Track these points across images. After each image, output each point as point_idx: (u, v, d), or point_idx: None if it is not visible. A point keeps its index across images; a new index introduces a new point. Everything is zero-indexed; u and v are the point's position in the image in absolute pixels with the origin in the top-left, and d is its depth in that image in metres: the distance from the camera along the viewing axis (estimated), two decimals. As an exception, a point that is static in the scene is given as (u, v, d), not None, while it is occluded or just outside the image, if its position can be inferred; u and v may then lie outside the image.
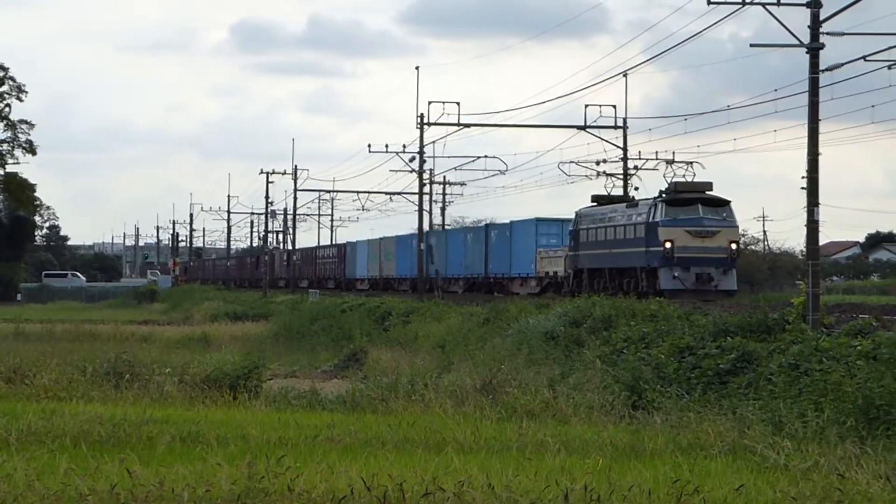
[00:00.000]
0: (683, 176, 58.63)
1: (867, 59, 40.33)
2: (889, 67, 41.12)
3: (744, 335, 33.13)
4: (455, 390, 32.12)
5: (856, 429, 23.18)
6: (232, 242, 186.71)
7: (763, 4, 38.03)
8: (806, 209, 37.04)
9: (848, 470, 20.09)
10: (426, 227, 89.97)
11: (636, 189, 74.63)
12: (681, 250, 54.10)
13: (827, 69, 38.22)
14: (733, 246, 55.32)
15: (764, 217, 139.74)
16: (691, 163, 59.52)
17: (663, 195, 56.93)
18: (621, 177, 68.20)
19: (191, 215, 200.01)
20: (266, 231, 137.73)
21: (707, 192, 56.37)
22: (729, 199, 56.47)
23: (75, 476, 18.37)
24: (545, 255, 70.20)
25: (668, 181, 58.11)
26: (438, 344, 50.50)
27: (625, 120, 74.69)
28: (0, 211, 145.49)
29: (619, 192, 70.26)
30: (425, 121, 76.99)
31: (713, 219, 55.20)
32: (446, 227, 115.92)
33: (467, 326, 52.56)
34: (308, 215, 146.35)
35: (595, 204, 65.46)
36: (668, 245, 54.29)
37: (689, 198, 55.63)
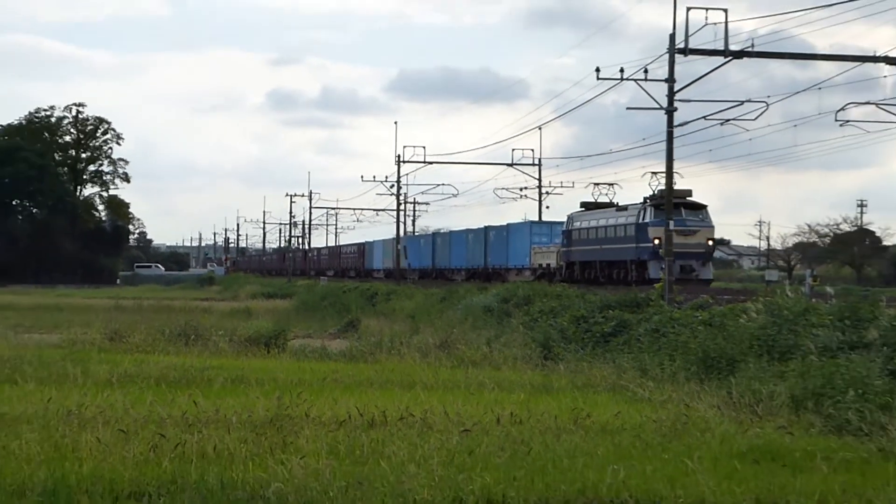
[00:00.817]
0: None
1: (706, 118, 40.88)
2: (721, 124, 41.50)
3: (621, 309, 33.21)
4: (421, 347, 32.07)
5: (697, 374, 23.30)
6: (266, 244, 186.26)
7: (635, 80, 38.26)
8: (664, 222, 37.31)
9: (692, 401, 20.18)
10: (402, 233, 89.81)
11: (547, 208, 74.67)
12: None
13: (679, 125, 38.49)
14: (710, 242, 49.12)
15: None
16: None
17: (648, 201, 49.91)
18: (607, 185, 61.98)
19: (237, 225, 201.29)
20: (290, 236, 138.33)
21: (688, 198, 49.06)
22: (706, 203, 49.75)
23: (157, 405, 18.36)
24: (538, 250, 64.60)
25: (654, 189, 50.29)
26: (410, 315, 50.31)
27: (540, 159, 74.93)
28: (105, 222, 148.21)
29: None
30: (402, 159, 77.03)
31: (693, 220, 48.79)
32: (416, 233, 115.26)
33: (430, 303, 52.39)
34: (319, 225, 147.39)
35: (584, 209, 58.28)
36: (656, 241, 47.45)
37: (674, 202, 46.73)
